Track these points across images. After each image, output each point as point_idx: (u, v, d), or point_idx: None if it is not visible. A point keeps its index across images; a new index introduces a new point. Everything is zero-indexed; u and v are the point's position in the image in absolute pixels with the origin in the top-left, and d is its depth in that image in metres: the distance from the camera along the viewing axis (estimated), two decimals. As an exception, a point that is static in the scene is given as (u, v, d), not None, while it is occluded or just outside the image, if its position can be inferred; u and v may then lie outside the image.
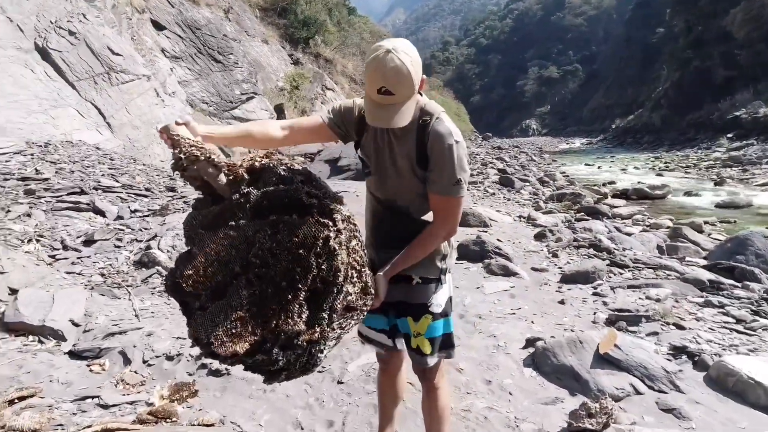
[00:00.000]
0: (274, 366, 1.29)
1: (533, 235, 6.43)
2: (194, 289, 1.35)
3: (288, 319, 1.26)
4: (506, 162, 18.98)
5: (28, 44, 9.51)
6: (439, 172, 1.46)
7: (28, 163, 6.77)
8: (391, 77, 1.32)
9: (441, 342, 1.67)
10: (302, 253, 1.27)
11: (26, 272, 3.84)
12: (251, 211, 1.33)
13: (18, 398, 2.34)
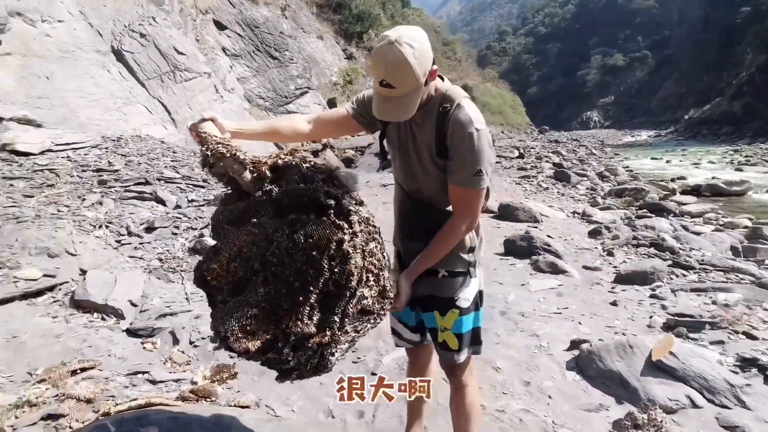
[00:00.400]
0: (285, 365, 1.31)
1: (587, 232, 6.07)
2: (218, 283, 1.38)
3: (298, 320, 1.26)
4: (563, 156, 18.10)
5: (105, 47, 10.35)
6: (459, 162, 1.38)
7: (103, 155, 7.37)
8: (391, 70, 1.26)
9: (469, 338, 1.60)
10: (315, 255, 1.26)
11: (95, 255, 4.18)
12: (272, 209, 1.35)
13: (80, 369, 2.55)
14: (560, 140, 30.99)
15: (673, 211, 8.19)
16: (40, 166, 6.36)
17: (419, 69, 1.27)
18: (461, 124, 1.37)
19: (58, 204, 5.22)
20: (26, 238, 3.98)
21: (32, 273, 3.55)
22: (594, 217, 6.93)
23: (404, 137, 1.52)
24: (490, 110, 35.61)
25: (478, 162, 1.37)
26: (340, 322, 1.29)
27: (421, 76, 1.29)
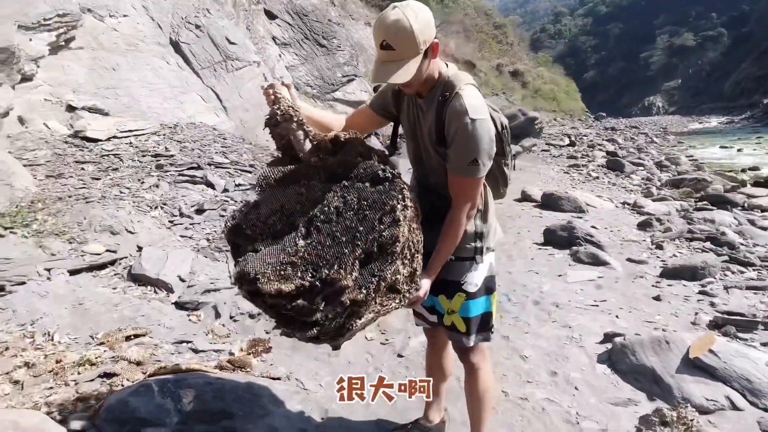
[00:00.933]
0: (310, 317, 1.29)
1: (636, 223, 5.77)
2: (252, 233, 1.44)
3: (341, 269, 1.27)
4: (619, 144, 17.13)
5: (164, 39, 10.94)
6: (455, 151, 1.39)
7: (161, 142, 7.87)
8: (392, 31, 1.28)
9: (477, 322, 1.63)
10: (368, 215, 1.31)
11: (151, 234, 4.52)
12: (325, 176, 1.43)
13: (133, 335, 2.81)
14: (617, 128, 29.28)
15: (740, 204, 7.56)
16: (107, 151, 6.90)
17: (420, 36, 1.28)
18: (457, 113, 1.36)
19: (121, 186, 5.66)
20: (93, 217, 4.38)
21: (97, 248, 3.91)
22: (646, 209, 6.56)
23: (413, 124, 1.55)
24: (541, 96, 34.15)
25: (473, 151, 1.36)
26: (376, 285, 1.30)
27: (421, 43, 1.30)
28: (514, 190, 7.65)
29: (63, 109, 7.30)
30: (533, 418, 2.17)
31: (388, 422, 2.15)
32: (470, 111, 1.35)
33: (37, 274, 3.23)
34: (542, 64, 42.48)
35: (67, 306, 3.04)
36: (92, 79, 8.27)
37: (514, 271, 4.08)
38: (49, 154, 6.13)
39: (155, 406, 1.94)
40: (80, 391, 2.10)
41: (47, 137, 6.64)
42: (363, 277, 1.31)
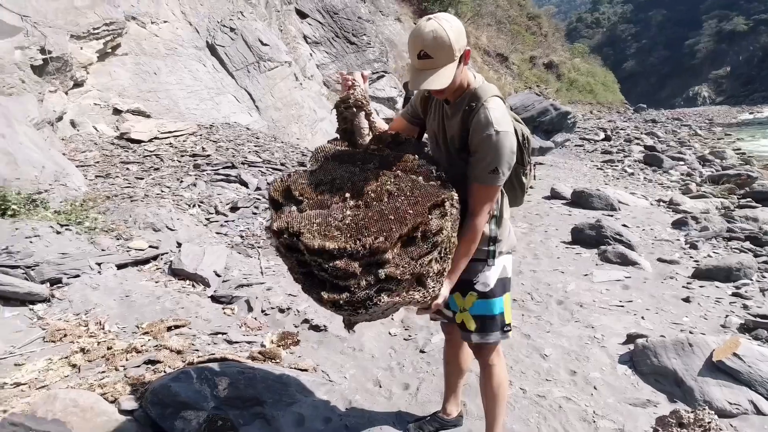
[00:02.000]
0: (345, 280, 1.30)
1: (671, 222, 5.61)
2: (300, 196, 1.45)
3: (387, 240, 1.28)
4: (658, 138, 16.46)
5: (201, 43, 11.38)
6: (478, 159, 1.46)
7: (198, 142, 8.24)
8: (429, 41, 1.35)
9: (488, 322, 1.69)
10: (420, 201, 1.36)
11: (189, 231, 4.80)
12: (379, 163, 1.51)
13: (174, 326, 3.03)
14: (658, 120, 28.02)
15: (788, 202, 7.17)
16: (149, 151, 7.31)
17: (455, 43, 1.37)
18: (482, 125, 1.44)
19: (162, 185, 6.00)
20: (137, 215, 4.69)
21: (141, 244, 4.20)
22: (682, 206, 6.35)
23: (438, 130, 1.63)
24: (577, 88, 33.11)
25: (495, 161, 1.44)
26: (413, 267, 1.33)
27: (457, 51, 1.38)
28: (543, 187, 7.55)
29: (110, 112, 7.78)
30: (549, 416, 2.22)
31: (409, 414, 2.26)
32: (495, 123, 1.42)
33: (90, 268, 3.52)
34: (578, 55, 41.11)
35: (115, 298, 3.31)
36: (135, 83, 8.74)
37: (539, 270, 4.08)
38: (98, 156, 6.57)
39: (194, 392, 2.12)
40: (128, 375, 2.32)
41: (96, 139, 7.11)
42: (401, 257, 1.33)
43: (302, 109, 12.03)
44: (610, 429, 2.12)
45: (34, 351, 2.54)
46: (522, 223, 5.60)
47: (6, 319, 2.83)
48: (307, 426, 2.17)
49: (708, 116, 36.49)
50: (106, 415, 1.96)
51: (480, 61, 26.29)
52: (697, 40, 79.62)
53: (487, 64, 27.04)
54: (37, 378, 2.23)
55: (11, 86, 5.36)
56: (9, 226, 3.59)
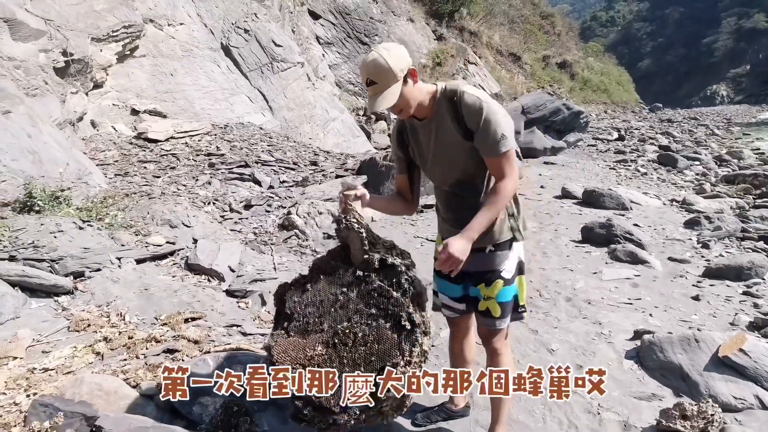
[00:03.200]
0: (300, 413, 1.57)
1: (683, 221, 5.57)
2: (290, 312, 1.69)
3: (333, 395, 1.50)
4: (673, 137, 16.22)
5: (216, 44, 11.58)
6: (483, 135, 1.59)
7: (212, 141, 8.42)
8: (371, 69, 1.56)
9: (510, 306, 1.81)
10: (373, 360, 1.53)
11: (204, 227, 4.93)
12: (359, 294, 1.64)
13: (191, 318, 3.15)
14: (674, 119, 27.57)
15: (806, 202, 7.05)
16: (165, 151, 7.50)
17: (395, 66, 1.55)
18: (471, 104, 1.60)
19: (178, 183, 6.16)
20: (154, 211, 4.84)
21: (158, 240, 4.33)
22: (696, 206, 6.30)
23: (432, 144, 1.74)
24: (590, 88, 32.74)
25: (498, 127, 1.58)
26: (356, 419, 1.53)
27: (398, 71, 1.56)
28: (554, 187, 7.54)
29: (128, 112, 7.99)
30: (555, 407, 2.27)
31: (417, 404, 2.32)
32: (479, 98, 1.60)
33: (110, 262, 3.66)
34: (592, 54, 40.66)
35: (135, 291, 3.44)
36: (153, 84, 8.95)
37: (548, 267, 4.11)
38: (117, 155, 6.76)
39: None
40: (148, 363, 2.43)
41: (115, 139, 7.31)
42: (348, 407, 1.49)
43: (314, 109, 12.15)
44: (614, 421, 2.16)
45: (60, 339, 2.67)
46: (532, 222, 5.62)
47: (33, 309, 2.97)
48: (319, 414, 2.25)
49: (726, 115, 35.75)
50: (128, 398, 2.06)
51: (492, 61, 26.18)
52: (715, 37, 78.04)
53: (500, 64, 26.92)
54: (63, 364, 2.35)
55: (35, 88, 5.56)
56: (35, 221, 3.75)
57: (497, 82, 23.56)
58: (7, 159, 4.03)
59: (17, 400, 1.97)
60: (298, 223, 5.04)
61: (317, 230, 5.05)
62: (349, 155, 9.36)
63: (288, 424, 2.16)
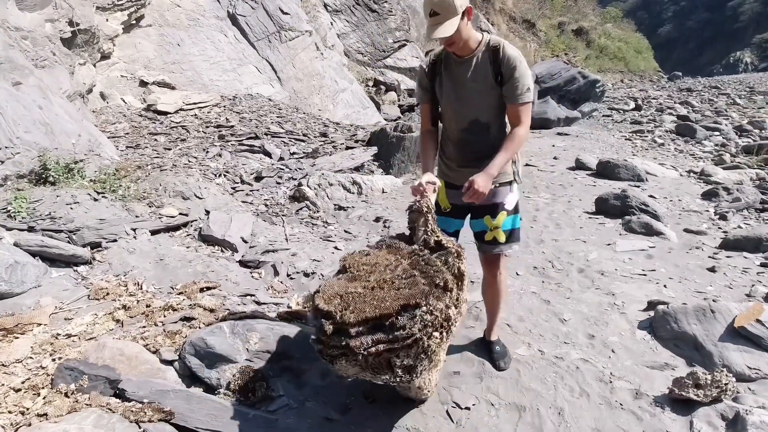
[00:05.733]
0: (320, 335, 1.62)
1: (701, 193, 5.46)
2: (348, 267, 1.81)
3: (355, 316, 1.57)
4: (693, 107, 15.70)
5: (222, 13, 11.32)
6: (513, 84, 1.87)
7: (222, 113, 8.36)
8: (437, 2, 1.77)
9: (512, 234, 2.13)
10: (399, 298, 1.59)
11: (216, 199, 4.95)
12: (410, 262, 1.80)
13: (206, 287, 3.20)
14: (694, 88, 26.59)
15: (829, 173, 6.84)
16: (175, 123, 7.47)
17: (457, 2, 1.77)
18: (512, 56, 1.87)
19: (189, 155, 6.16)
20: (167, 183, 4.86)
21: (171, 211, 4.37)
22: (714, 177, 6.15)
23: (460, 81, 1.96)
24: (607, 56, 31.63)
25: (526, 82, 1.88)
26: (371, 346, 1.56)
27: (459, 7, 1.78)
28: (568, 158, 7.40)
29: (136, 84, 7.93)
30: (566, 375, 2.29)
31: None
32: (518, 55, 1.88)
33: (126, 233, 3.71)
34: (610, 20, 39.05)
35: (150, 261, 3.49)
36: (160, 54, 8.84)
37: (560, 239, 4.08)
38: (127, 127, 6.76)
39: (228, 345, 2.27)
40: (167, 330, 2.49)
41: (125, 111, 7.29)
42: (365, 336, 1.56)
43: (323, 80, 11.95)
44: (626, 389, 2.18)
45: (81, 307, 2.74)
46: (545, 194, 5.55)
47: (54, 278, 3.04)
48: (332, 379, 2.29)
49: (749, 83, 34.36)
50: (149, 363, 2.13)
51: (505, 28, 25.32)
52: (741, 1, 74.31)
53: (513, 31, 26.05)
54: (85, 330, 2.42)
55: (44, 59, 5.52)
56: (50, 193, 3.79)
57: (510, 51, 22.85)
58: (20, 131, 4.05)
59: (44, 364, 2.04)
60: (309, 195, 5.04)
61: (328, 202, 5.05)
62: (359, 126, 9.25)
63: (302, 389, 2.22)
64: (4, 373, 1.97)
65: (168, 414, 1.86)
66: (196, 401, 1.99)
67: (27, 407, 1.77)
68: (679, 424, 1.95)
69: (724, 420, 1.91)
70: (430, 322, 1.55)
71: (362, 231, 4.43)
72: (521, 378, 2.26)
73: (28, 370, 2.02)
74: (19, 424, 1.67)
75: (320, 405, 2.12)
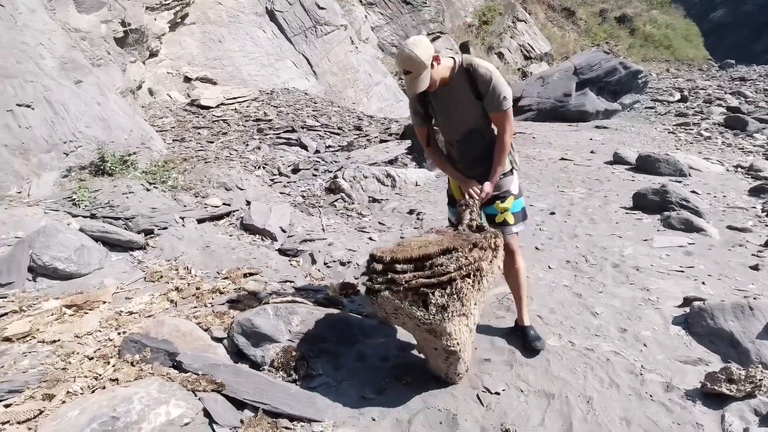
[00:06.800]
0: (370, 274, 2.04)
1: (748, 189, 5.24)
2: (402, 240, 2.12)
3: (401, 256, 1.97)
4: (746, 98, 14.85)
5: (261, 9, 11.62)
6: (490, 96, 2.16)
7: (260, 107, 8.65)
8: (407, 63, 2.05)
9: (521, 215, 2.41)
10: (439, 246, 1.98)
11: (256, 190, 5.19)
12: (454, 236, 2.12)
13: (249, 273, 3.40)
14: (748, 77, 25.01)
15: None
16: (217, 117, 7.81)
17: (423, 57, 2.03)
18: (483, 75, 2.15)
19: (230, 148, 6.45)
20: (210, 175, 5.14)
21: (215, 201, 4.63)
22: (763, 173, 5.87)
23: (447, 102, 2.27)
24: (652, 44, 30.16)
25: (502, 91, 2.14)
26: (412, 281, 1.93)
27: (426, 61, 2.04)
28: (605, 152, 7.23)
29: (181, 80, 8.32)
30: (597, 367, 2.32)
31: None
32: (489, 70, 2.15)
33: (175, 221, 3.97)
34: (657, 6, 37.12)
35: (198, 247, 3.74)
36: (203, 51, 9.21)
37: (595, 234, 4.05)
38: (173, 121, 7.13)
39: (272, 326, 2.44)
40: (215, 311, 2.69)
41: (171, 106, 7.68)
42: (407, 273, 1.95)
43: (358, 74, 12.08)
44: (657, 382, 2.20)
45: (139, 288, 3.00)
46: (580, 188, 5.48)
47: (114, 261, 3.32)
48: (368, 363, 2.43)
49: (810, 72, 31.97)
50: (201, 340, 2.33)
51: (543, 18, 24.62)
52: (804, -18, 68.64)
53: (551, 21, 25.30)
54: (144, 309, 2.66)
55: (99, 58, 5.91)
56: (108, 183, 4.11)
57: (547, 41, 22.25)
58: (81, 126, 4.39)
59: (111, 337, 2.28)
60: (344, 187, 5.20)
61: (363, 194, 5.19)
62: (393, 120, 9.34)
63: (340, 371, 2.36)
64: (79, 343, 2.22)
65: (220, 385, 2.04)
66: (243, 375, 2.17)
67: (100, 373, 1.99)
68: (709, 417, 1.97)
69: (758, 415, 1.91)
70: (464, 266, 1.89)
71: (396, 223, 4.54)
72: (551, 367, 2.32)
73: (98, 342, 2.26)
74: (95, 386, 1.90)
75: (356, 385, 2.26)
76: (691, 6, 53.99)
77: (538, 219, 4.45)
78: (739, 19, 74.26)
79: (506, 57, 20.09)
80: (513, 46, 20.76)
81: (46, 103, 4.17)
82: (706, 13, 66.89)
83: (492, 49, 20.00)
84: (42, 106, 4.12)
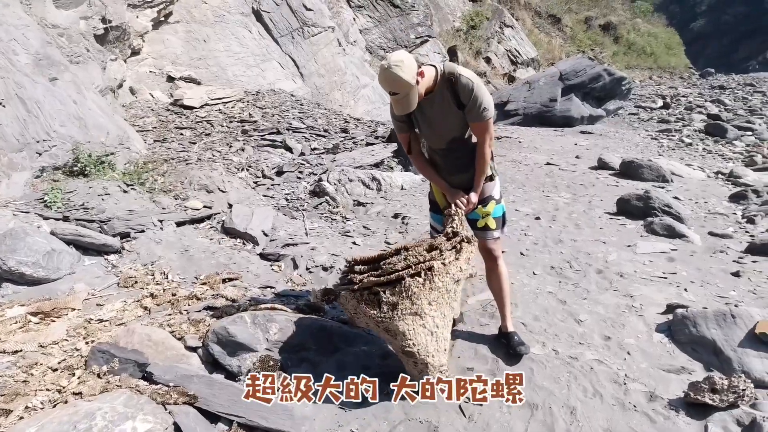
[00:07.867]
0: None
1: (729, 195, 5.31)
2: None
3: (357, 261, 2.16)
4: (725, 106, 15.16)
5: (247, 9, 11.48)
6: (471, 106, 2.13)
7: (245, 108, 8.52)
8: (393, 84, 2.00)
9: (501, 220, 2.42)
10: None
11: (238, 193, 5.08)
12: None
13: (228, 278, 3.31)
14: (727, 86, 25.59)
15: None
16: (200, 117, 7.66)
17: (408, 76, 1.98)
18: (466, 84, 2.11)
19: (213, 150, 6.32)
20: (191, 177, 5.02)
21: (196, 204, 4.52)
22: (743, 179, 5.97)
23: (429, 111, 2.23)
24: (635, 51, 30.73)
25: (482, 101, 2.11)
26: (364, 281, 2.05)
27: (411, 79, 1.99)
28: (590, 157, 7.29)
29: (164, 79, 8.15)
30: (580, 376, 2.29)
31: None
32: (470, 79, 2.10)
33: (153, 225, 3.85)
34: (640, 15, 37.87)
35: (176, 252, 3.63)
36: (187, 50, 9.05)
37: (579, 239, 4.05)
38: (155, 121, 6.97)
39: (249, 335, 2.36)
40: (191, 318, 2.60)
41: (153, 105, 7.52)
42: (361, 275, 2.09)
43: (345, 76, 12.02)
44: (641, 391, 2.17)
45: (112, 294, 2.89)
46: (565, 193, 5.49)
47: (86, 266, 3.20)
48: (348, 372, 2.36)
49: (786, 81, 32.89)
50: (174, 349, 2.23)
51: (530, 23, 24.88)
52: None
53: (538, 27, 25.59)
54: (115, 316, 2.55)
55: (78, 55, 5.74)
56: (83, 184, 3.97)
57: (534, 47, 22.47)
58: (56, 125, 4.24)
59: (78, 346, 2.17)
60: (329, 190, 5.12)
61: (347, 197, 5.12)
62: (380, 123, 9.29)
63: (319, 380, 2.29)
64: (43, 353, 2.10)
65: (192, 397, 1.95)
66: (218, 387, 2.09)
67: (63, 386, 1.89)
68: (693, 428, 1.95)
69: (740, 426, 1.90)
70: (413, 264, 1.97)
71: (381, 227, 4.49)
72: (534, 376, 2.28)
73: (63, 352, 2.15)
74: (57, 400, 1.79)
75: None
76: (673, 15, 55.29)
77: (524, 224, 4.44)
78: (719, 29, 76.21)
79: (493, 62, 20.24)
80: (500, 51, 20.93)
81: (18, 101, 4.02)
82: (687, 22, 68.55)
83: (480, 53, 20.12)
84: (14, 104, 3.97)
